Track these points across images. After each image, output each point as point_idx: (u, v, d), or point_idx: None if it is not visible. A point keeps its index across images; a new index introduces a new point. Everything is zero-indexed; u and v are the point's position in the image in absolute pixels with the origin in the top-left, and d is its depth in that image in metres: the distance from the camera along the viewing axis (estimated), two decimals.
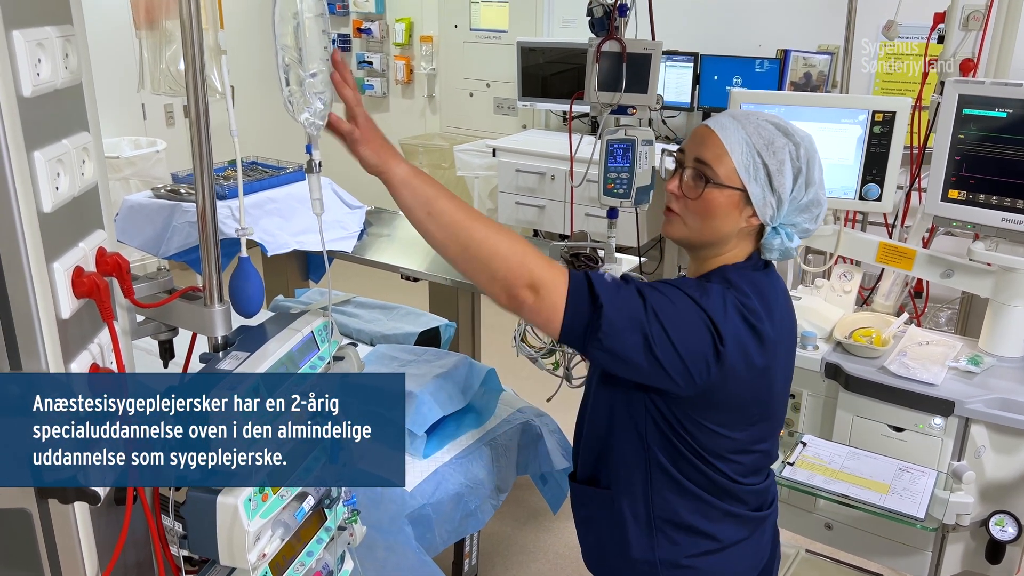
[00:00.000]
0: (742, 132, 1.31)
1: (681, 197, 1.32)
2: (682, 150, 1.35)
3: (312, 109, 1.03)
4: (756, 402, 1.34)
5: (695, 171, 1.31)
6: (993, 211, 2.00)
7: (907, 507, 1.84)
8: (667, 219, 1.36)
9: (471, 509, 1.77)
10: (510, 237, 1.22)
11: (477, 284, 1.25)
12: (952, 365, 2.10)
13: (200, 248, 1.10)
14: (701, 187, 1.30)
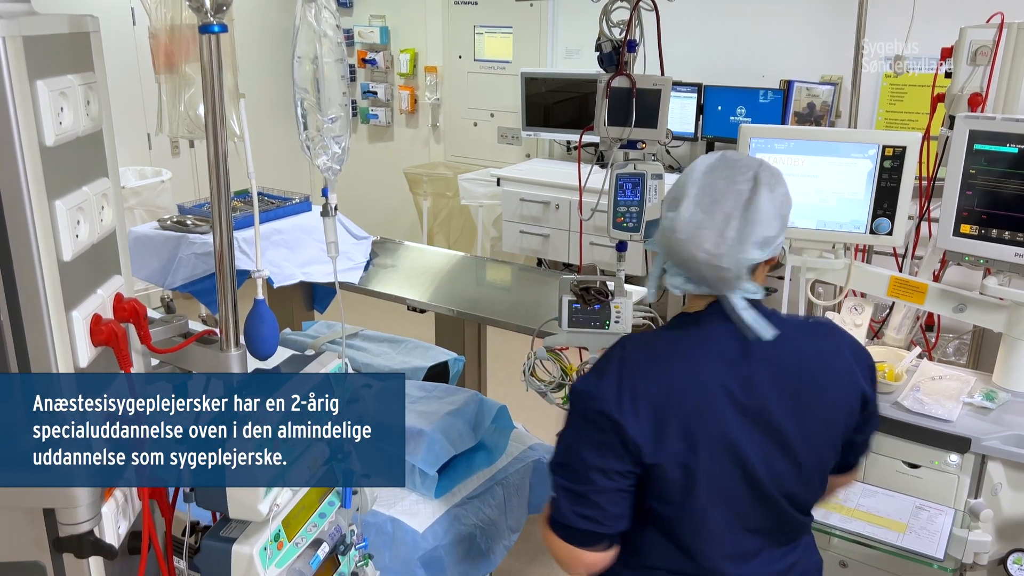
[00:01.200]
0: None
1: None
2: None
3: (330, 154, 1.02)
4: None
5: None
6: (1006, 246, 1.99)
7: (925, 547, 1.82)
8: None
9: (483, 550, 1.74)
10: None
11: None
12: (967, 401, 2.08)
13: (217, 292, 1.09)
14: None
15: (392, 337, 2.51)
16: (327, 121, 1.01)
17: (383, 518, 1.67)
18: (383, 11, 5.90)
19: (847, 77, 4.45)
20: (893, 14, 3.10)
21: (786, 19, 4.47)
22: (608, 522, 1.22)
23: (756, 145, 2.23)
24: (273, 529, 1.12)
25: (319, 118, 1.01)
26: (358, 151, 6.36)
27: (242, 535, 1.09)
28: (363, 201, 6.38)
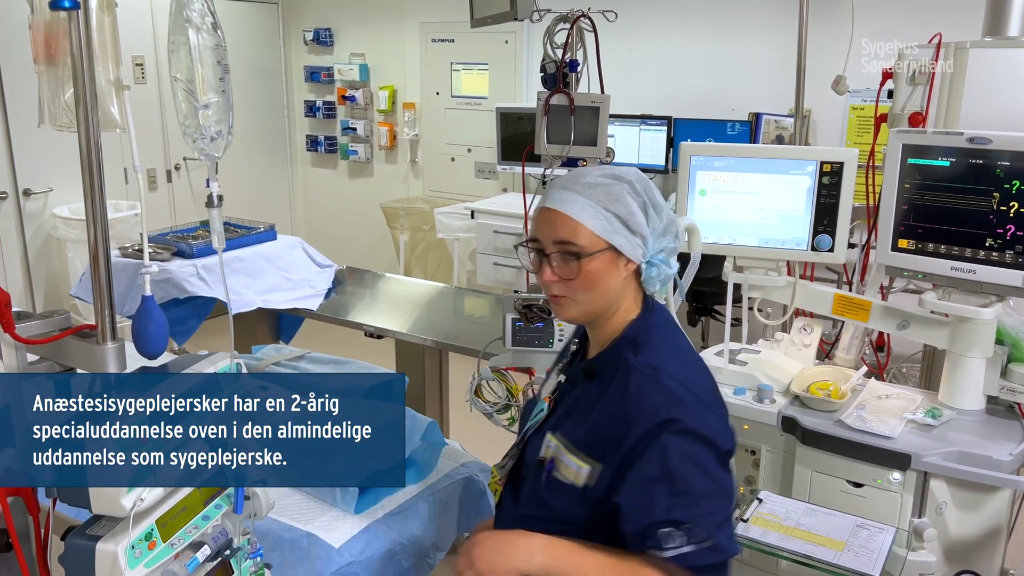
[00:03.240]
0: (580, 198, 1.30)
1: (560, 281, 1.31)
2: (535, 239, 1.33)
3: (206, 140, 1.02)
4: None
5: (561, 253, 1.30)
6: (942, 260, 1.98)
7: (862, 565, 1.77)
8: (557, 305, 1.34)
9: (404, 568, 1.69)
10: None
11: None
12: (910, 418, 2.05)
13: (92, 286, 1.07)
14: (575, 264, 1.29)
15: (337, 359, 2.49)
16: (201, 107, 1.01)
17: (299, 533, 1.63)
18: (362, 49, 5.99)
19: (815, 110, 4.50)
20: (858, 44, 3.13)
21: (755, 53, 4.53)
22: None
23: (696, 163, 2.23)
24: (145, 528, 1.08)
25: (194, 104, 1.00)
26: (338, 186, 6.40)
27: (109, 533, 1.05)
28: (343, 235, 6.40)
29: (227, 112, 1.04)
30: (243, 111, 6.07)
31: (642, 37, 4.94)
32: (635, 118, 4.77)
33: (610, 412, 1.29)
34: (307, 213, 6.66)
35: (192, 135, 1.03)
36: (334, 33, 6.08)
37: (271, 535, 1.63)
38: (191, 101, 1.01)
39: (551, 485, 1.32)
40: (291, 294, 3.32)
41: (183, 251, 3.29)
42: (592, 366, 1.37)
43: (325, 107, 6.18)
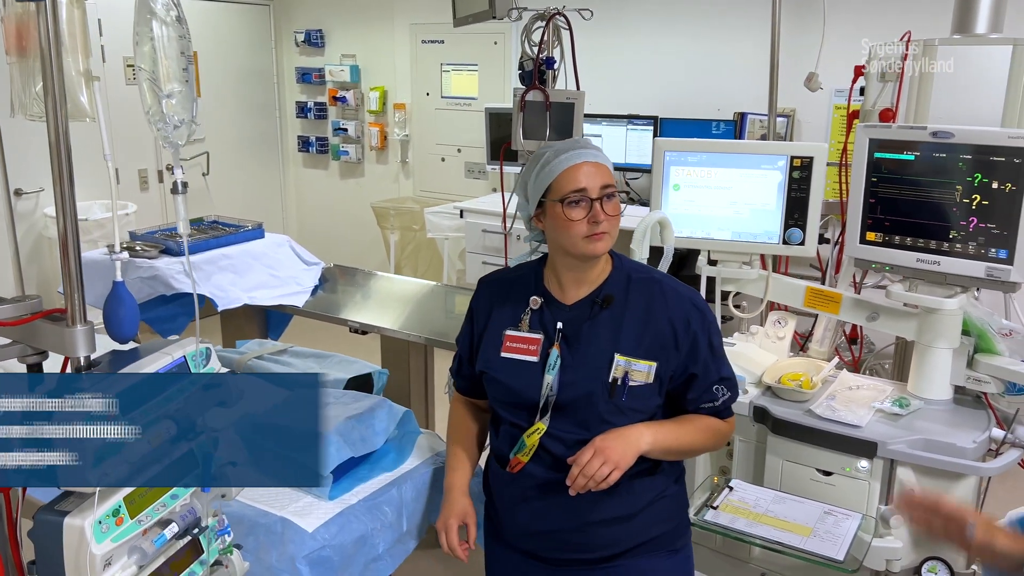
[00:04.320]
0: (600, 153, 1.59)
1: (608, 219, 1.55)
2: (581, 189, 1.55)
3: (169, 128, 1.06)
4: None
5: (610, 194, 1.56)
6: (908, 252, 2.02)
7: (827, 549, 1.80)
8: (600, 241, 1.55)
9: (379, 552, 1.73)
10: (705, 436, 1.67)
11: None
12: (878, 407, 2.09)
13: (61, 271, 1.11)
14: (616, 202, 1.57)
15: (319, 353, 2.52)
16: (164, 96, 1.04)
17: (273, 518, 1.66)
18: (353, 50, 6.03)
19: (800, 109, 4.55)
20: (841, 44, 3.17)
21: (741, 54, 4.57)
22: None
23: (670, 159, 2.27)
24: (112, 504, 1.12)
25: (158, 94, 1.04)
26: (330, 187, 6.43)
27: (77, 508, 1.09)
28: (335, 235, 6.44)
29: (190, 102, 1.07)
30: (235, 112, 6.11)
31: (629, 38, 4.98)
32: (622, 118, 4.81)
33: (657, 317, 1.59)
34: (299, 213, 6.69)
35: (156, 124, 1.07)
36: (325, 34, 6.12)
37: (246, 520, 1.66)
38: (155, 91, 1.04)
39: (631, 392, 1.57)
40: (278, 291, 3.35)
41: (170, 249, 3.32)
42: (610, 296, 1.60)
43: (316, 108, 6.22)
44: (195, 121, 1.08)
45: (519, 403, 1.61)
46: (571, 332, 1.60)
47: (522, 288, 1.68)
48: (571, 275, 1.62)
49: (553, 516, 1.61)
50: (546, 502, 1.60)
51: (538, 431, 1.58)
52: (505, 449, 1.64)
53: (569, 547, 1.63)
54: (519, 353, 1.62)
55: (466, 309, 1.75)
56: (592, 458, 1.47)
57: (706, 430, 1.65)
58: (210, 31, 5.82)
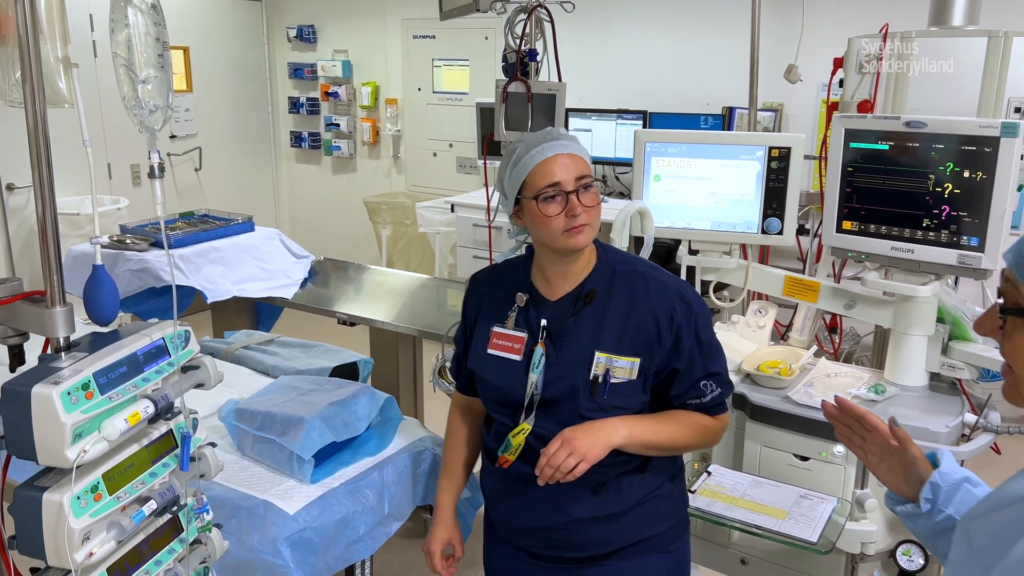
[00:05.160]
0: (574, 143, 1.56)
1: (586, 210, 1.52)
2: (554, 183, 1.51)
3: (145, 112, 1.08)
4: None
5: (586, 184, 1.53)
6: (883, 240, 2.05)
7: (801, 532, 1.84)
8: (580, 234, 1.52)
9: (360, 534, 1.75)
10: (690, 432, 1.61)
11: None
12: (855, 394, 2.12)
13: (40, 253, 1.14)
14: (594, 192, 1.54)
15: (305, 342, 2.55)
16: (140, 82, 1.07)
17: (256, 501, 1.69)
18: (345, 46, 6.05)
19: (787, 104, 4.58)
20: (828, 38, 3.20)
21: (728, 48, 4.59)
22: None
23: (651, 149, 2.30)
24: (91, 481, 1.14)
25: (134, 79, 1.07)
26: (322, 182, 6.46)
27: (56, 484, 1.11)
28: (327, 230, 6.46)
29: (165, 88, 1.10)
30: (227, 108, 6.13)
31: (619, 33, 5.01)
32: (611, 112, 4.84)
33: (640, 311, 1.55)
34: (291, 209, 6.72)
35: (133, 109, 1.10)
36: (317, 30, 6.14)
37: (229, 503, 1.69)
38: (131, 76, 1.07)
39: (613, 390, 1.54)
40: (267, 284, 3.38)
41: (160, 242, 3.35)
42: (592, 291, 1.57)
43: (309, 103, 6.24)
44: (171, 107, 1.10)
45: (505, 402, 1.60)
46: (555, 329, 1.58)
47: (510, 283, 1.66)
48: (555, 269, 1.59)
49: (540, 512, 1.60)
50: (533, 498, 1.59)
51: (523, 431, 1.56)
52: (495, 446, 1.64)
53: (558, 544, 1.62)
54: (504, 351, 1.61)
55: (458, 303, 1.77)
56: (559, 448, 1.45)
57: (692, 426, 1.60)
58: (202, 26, 5.84)
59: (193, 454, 1.32)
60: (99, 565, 1.17)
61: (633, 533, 1.61)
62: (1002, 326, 0.92)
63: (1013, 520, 0.88)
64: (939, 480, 1.15)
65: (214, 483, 1.74)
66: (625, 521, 1.60)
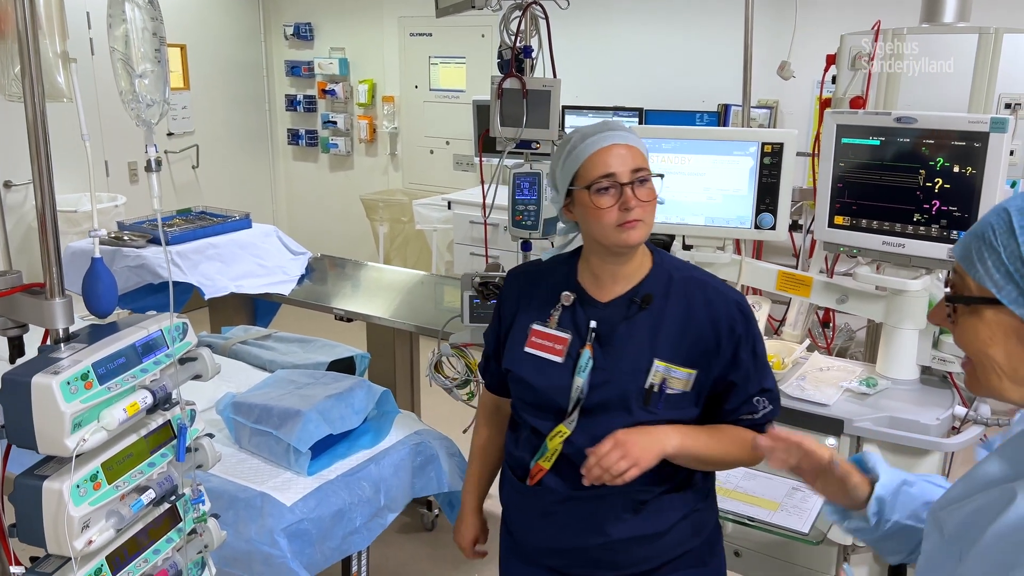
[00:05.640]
0: (631, 135, 1.48)
1: (641, 205, 1.43)
2: (609, 175, 1.43)
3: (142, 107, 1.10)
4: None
5: (642, 178, 1.44)
6: (874, 235, 2.07)
7: (793, 523, 1.86)
8: (633, 229, 1.43)
9: (356, 526, 1.77)
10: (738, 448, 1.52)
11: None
12: (847, 387, 2.14)
13: (40, 245, 1.15)
14: (650, 186, 1.46)
15: (302, 338, 2.57)
16: (137, 76, 1.09)
17: (253, 493, 1.71)
18: (342, 43, 6.06)
19: (783, 101, 4.60)
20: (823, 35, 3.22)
21: (725, 46, 4.61)
22: None
23: (645, 145, 2.31)
24: (90, 470, 1.16)
25: (131, 74, 1.08)
26: (320, 179, 6.47)
27: (56, 473, 1.13)
28: (324, 228, 6.47)
29: (162, 82, 1.12)
30: (225, 105, 6.14)
31: (616, 31, 5.03)
32: (608, 109, 4.86)
33: (699, 320, 1.48)
34: (289, 206, 6.73)
35: (130, 103, 1.11)
36: (314, 28, 6.15)
37: (226, 495, 1.71)
38: (128, 71, 1.09)
39: (668, 400, 1.47)
40: (264, 280, 3.40)
41: (158, 238, 3.36)
42: (649, 295, 1.49)
43: (306, 101, 6.25)
44: (167, 101, 1.12)
45: (542, 405, 1.51)
46: (605, 332, 1.49)
47: (553, 281, 1.56)
48: (606, 268, 1.50)
49: (576, 533, 1.51)
50: (567, 518, 1.51)
51: (561, 434, 1.47)
52: (525, 455, 1.54)
53: (594, 564, 1.54)
54: (544, 351, 1.52)
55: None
56: (612, 450, 1.36)
57: (741, 443, 1.50)
58: (199, 24, 5.85)
59: (190, 445, 1.34)
60: (98, 553, 1.19)
61: (671, 551, 1.55)
62: (950, 314, 0.95)
63: (983, 506, 0.90)
64: (884, 493, 1.16)
65: (212, 475, 1.76)
66: (665, 540, 1.53)
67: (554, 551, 1.55)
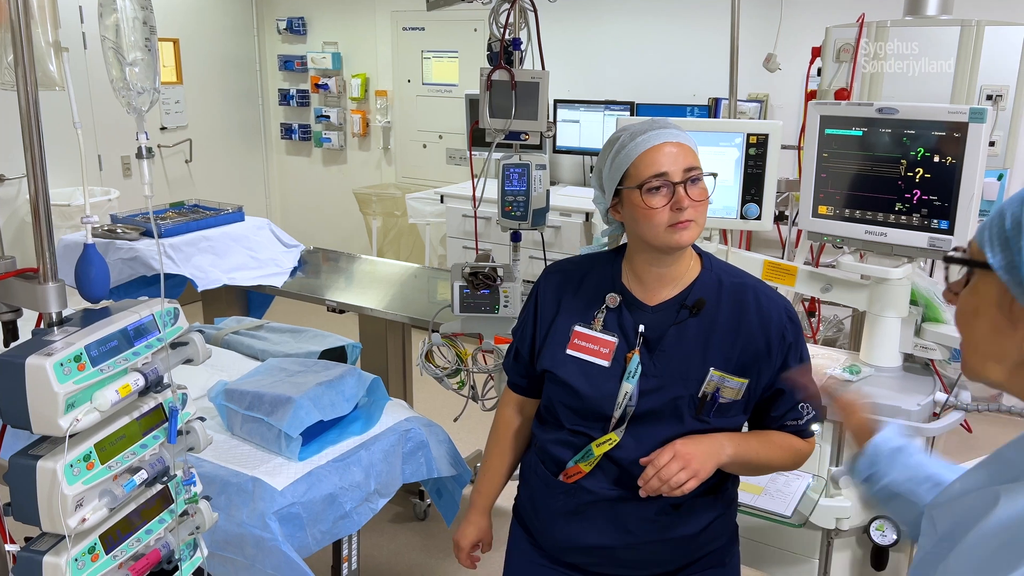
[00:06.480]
0: (682, 132, 1.44)
1: (693, 204, 1.39)
2: (661, 174, 1.39)
3: (133, 94, 1.12)
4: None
5: (694, 177, 1.40)
6: (857, 224, 2.11)
7: (776, 507, 1.90)
8: (685, 230, 1.39)
9: (346, 510, 1.80)
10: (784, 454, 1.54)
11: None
12: (831, 374, 2.17)
13: (32, 229, 1.18)
14: (702, 186, 1.41)
15: (294, 328, 2.60)
16: (127, 64, 1.11)
17: (245, 478, 1.73)
18: (335, 38, 6.08)
19: (773, 94, 4.64)
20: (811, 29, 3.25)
21: (715, 40, 4.64)
22: None
23: (695, 142, 2.34)
24: (83, 450, 1.18)
25: (121, 62, 1.11)
26: (313, 174, 6.48)
27: (49, 453, 1.16)
28: (318, 222, 6.49)
29: (152, 70, 1.14)
30: (218, 100, 6.15)
31: (607, 25, 5.05)
32: (599, 103, 4.89)
33: (750, 328, 1.45)
34: (282, 201, 6.74)
35: (121, 91, 1.14)
36: (307, 22, 6.16)
37: (218, 480, 1.73)
38: (119, 59, 1.11)
39: (720, 409, 1.45)
40: (257, 272, 3.42)
41: (151, 231, 3.38)
42: (701, 300, 1.45)
43: (299, 95, 6.26)
44: (157, 89, 1.14)
45: (585, 410, 1.47)
46: (654, 337, 1.45)
47: (596, 281, 1.52)
48: (654, 271, 1.46)
49: (605, 533, 1.49)
50: (598, 518, 1.49)
51: (610, 442, 1.44)
52: (562, 454, 1.50)
53: (619, 564, 1.53)
54: (588, 354, 1.47)
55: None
56: (671, 461, 1.35)
57: (787, 449, 1.52)
58: (192, 19, 5.86)
59: (182, 428, 1.36)
60: (92, 532, 1.22)
61: (696, 552, 1.55)
62: (956, 292, 0.95)
63: (968, 507, 0.90)
64: (872, 451, 1.18)
65: (204, 460, 1.78)
66: (694, 543, 1.52)
67: (579, 549, 1.53)
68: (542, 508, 1.55)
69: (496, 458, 1.65)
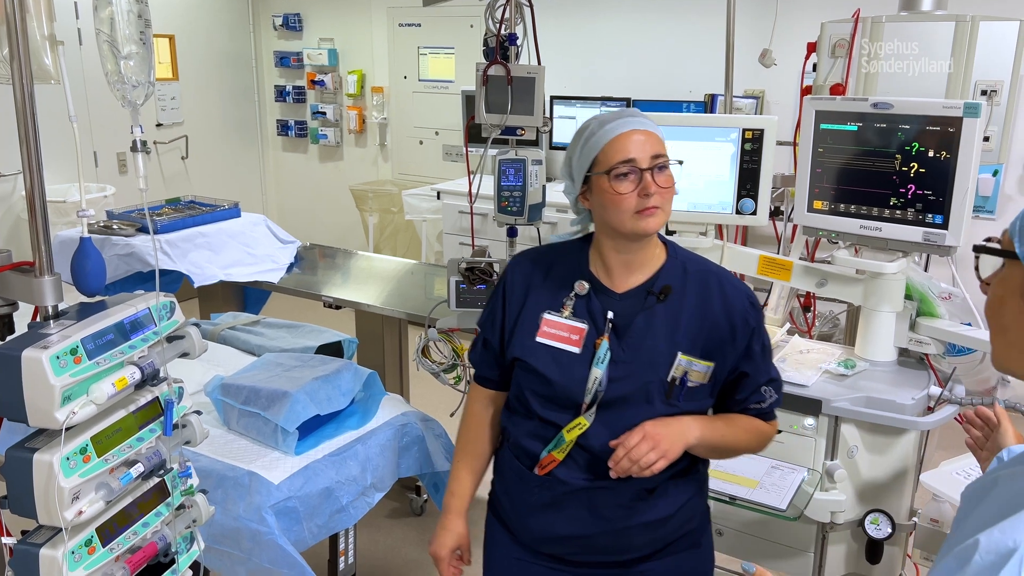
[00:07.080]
0: (649, 121, 1.49)
1: (659, 191, 1.43)
2: (629, 160, 1.42)
3: (128, 88, 1.12)
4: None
5: (661, 164, 1.45)
6: (852, 219, 2.11)
7: (771, 500, 1.91)
8: (651, 217, 1.43)
9: (343, 504, 1.81)
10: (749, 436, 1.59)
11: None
12: (826, 369, 2.18)
13: (28, 223, 1.18)
14: (669, 173, 1.46)
15: (291, 323, 2.60)
16: (122, 58, 1.11)
17: (241, 472, 1.74)
18: (331, 34, 6.07)
19: (769, 91, 4.64)
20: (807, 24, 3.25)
21: (711, 36, 4.64)
22: None
23: (663, 132, 2.35)
24: (80, 443, 1.19)
25: (116, 55, 1.11)
26: (309, 170, 6.48)
27: (46, 446, 1.16)
28: (314, 219, 6.49)
29: (147, 64, 1.14)
30: (214, 97, 6.14)
31: (604, 21, 5.05)
32: (596, 100, 4.89)
33: (715, 314, 1.50)
34: (279, 197, 6.74)
35: (116, 85, 1.14)
36: (303, 18, 6.15)
37: (215, 474, 1.74)
38: (114, 52, 1.11)
39: (688, 393, 1.49)
40: (253, 268, 3.42)
41: (147, 227, 3.38)
42: (667, 287, 1.49)
43: (295, 92, 6.26)
44: (152, 83, 1.15)
45: (556, 397, 1.48)
46: (622, 324, 1.48)
47: (565, 269, 1.53)
48: (619, 258, 1.49)
49: (582, 522, 1.51)
50: (575, 507, 1.50)
51: (580, 426, 1.45)
52: (532, 446, 1.51)
53: (598, 551, 1.55)
54: (558, 341, 1.49)
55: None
56: (641, 442, 1.38)
57: (752, 431, 1.57)
58: (188, 15, 5.85)
59: (178, 421, 1.37)
60: (88, 525, 1.22)
61: (672, 534, 1.57)
62: (989, 283, 0.94)
63: (963, 547, 0.88)
64: (1005, 456, 1.16)
65: (201, 455, 1.79)
66: (668, 525, 1.55)
67: (557, 539, 1.54)
68: (518, 502, 1.56)
69: (468, 458, 1.64)
